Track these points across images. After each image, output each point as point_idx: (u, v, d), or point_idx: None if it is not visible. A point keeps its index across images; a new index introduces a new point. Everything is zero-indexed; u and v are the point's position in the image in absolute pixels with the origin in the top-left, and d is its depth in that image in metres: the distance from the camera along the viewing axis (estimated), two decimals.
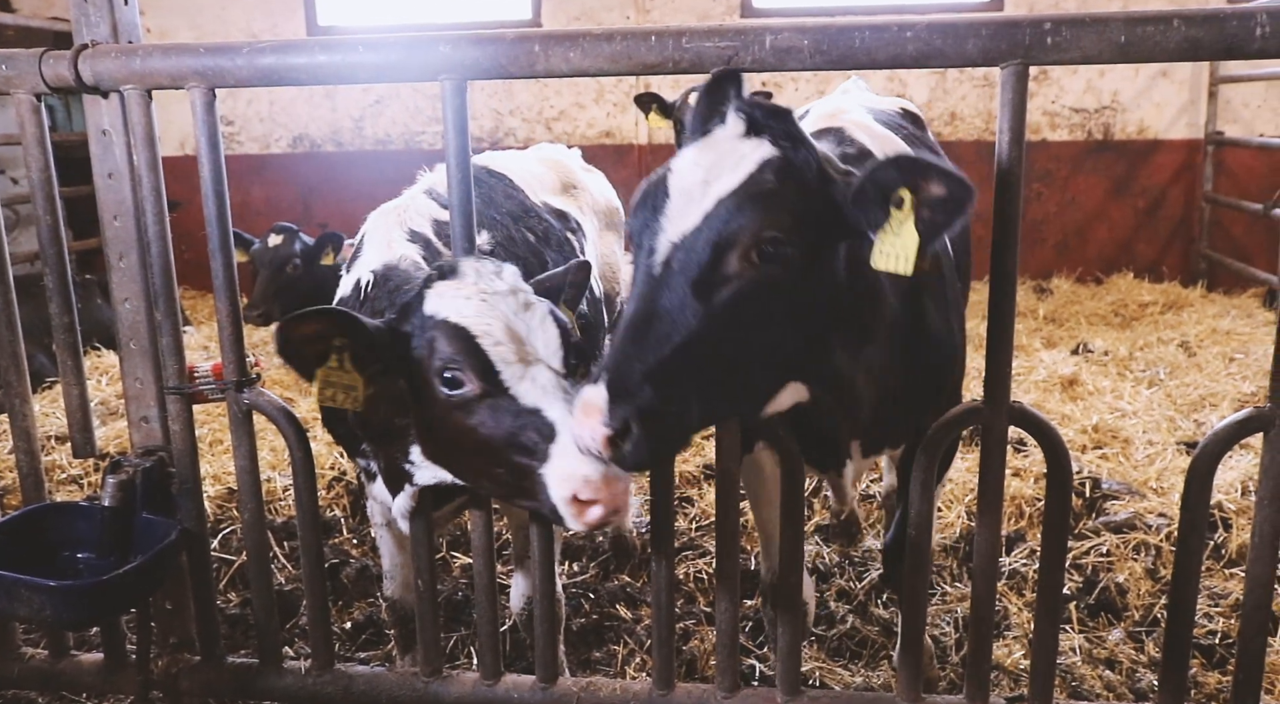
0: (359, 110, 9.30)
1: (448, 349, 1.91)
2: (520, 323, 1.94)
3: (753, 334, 1.74)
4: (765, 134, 1.78)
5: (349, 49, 2.13)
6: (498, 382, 1.89)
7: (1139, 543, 3.85)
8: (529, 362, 1.90)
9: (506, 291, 1.97)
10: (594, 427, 1.64)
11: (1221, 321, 7.15)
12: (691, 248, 1.70)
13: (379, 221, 2.61)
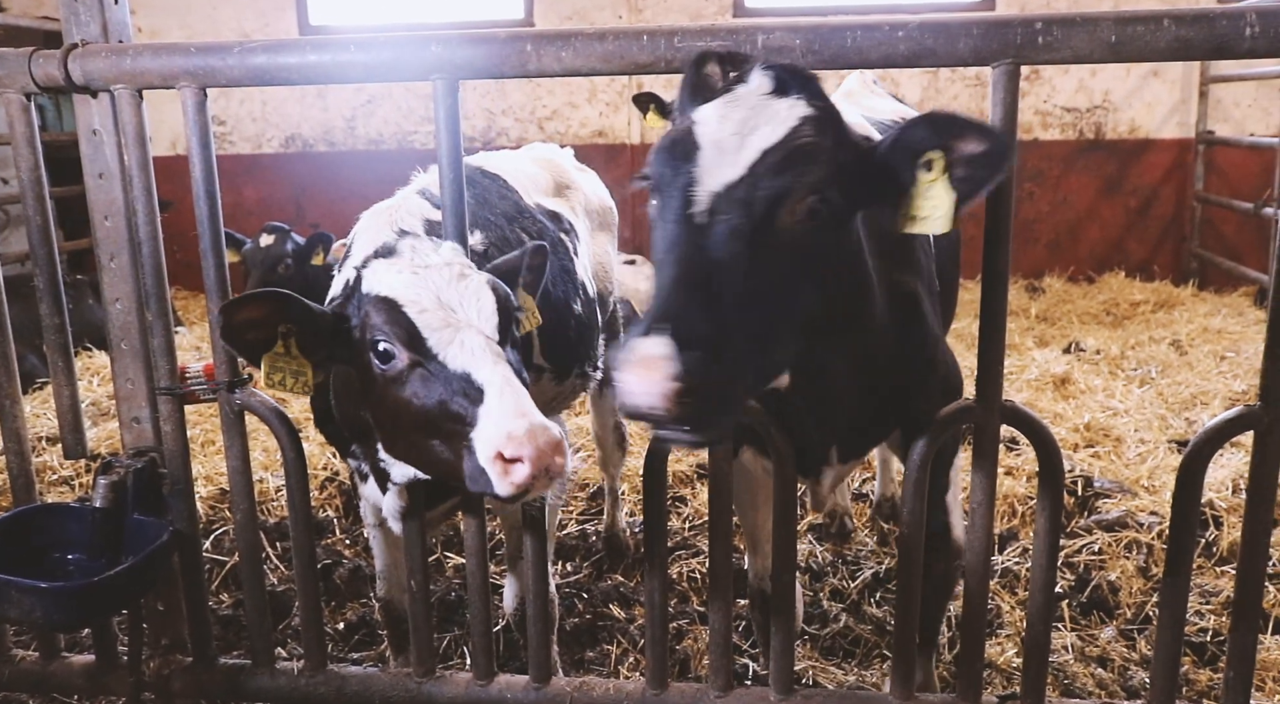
0: (351, 110, 9.29)
1: (377, 320, 1.90)
2: (452, 292, 1.90)
3: (787, 294, 1.71)
4: (796, 92, 1.77)
5: (340, 48, 2.13)
6: (425, 349, 1.86)
7: (1131, 541, 3.86)
8: (458, 327, 1.86)
9: (440, 264, 1.95)
10: (657, 381, 1.49)
11: (1213, 320, 7.18)
12: (739, 198, 1.66)
13: (371, 221, 2.60)
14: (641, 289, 7.38)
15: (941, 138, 1.74)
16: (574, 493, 4.58)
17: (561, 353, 2.98)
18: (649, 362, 1.49)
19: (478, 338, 1.86)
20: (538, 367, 2.87)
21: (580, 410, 5.26)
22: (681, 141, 1.74)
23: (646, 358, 1.50)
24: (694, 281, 1.60)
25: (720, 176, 1.67)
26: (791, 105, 1.75)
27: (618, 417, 3.96)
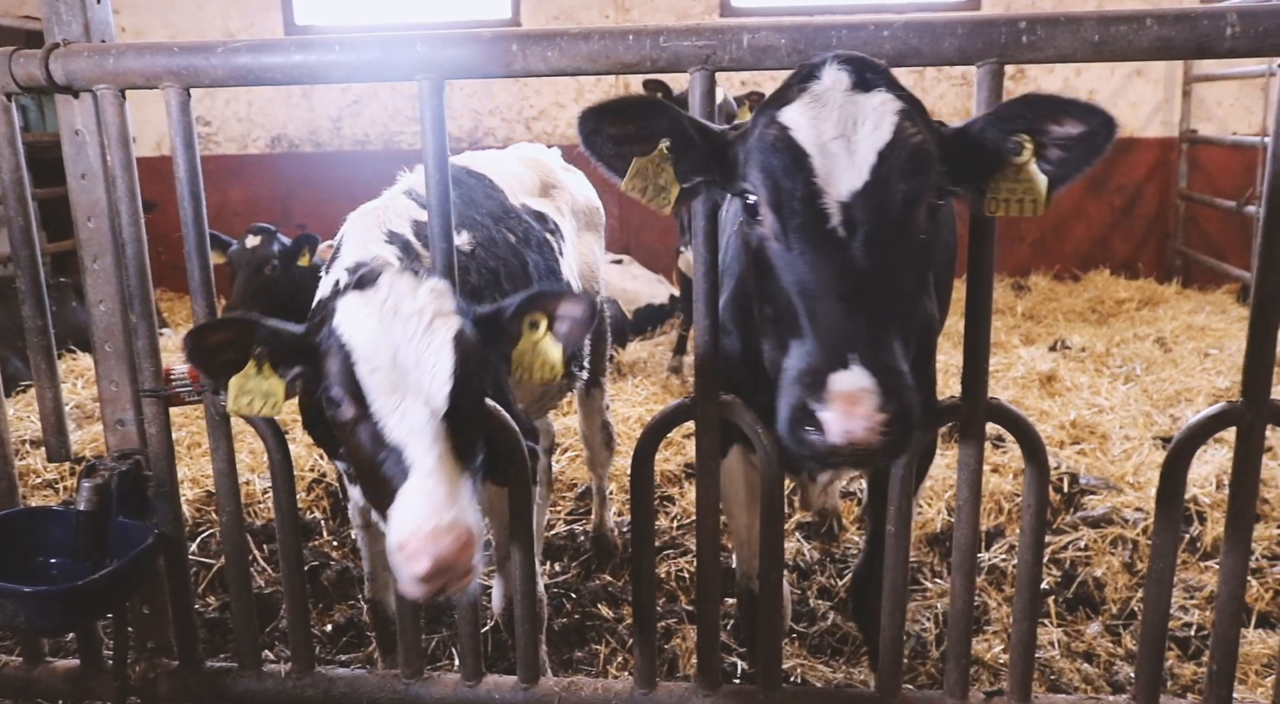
0: (337, 110, 9.26)
1: (331, 369, 1.86)
2: (412, 350, 1.83)
3: (920, 296, 1.73)
4: (880, 85, 1.73)
5: (325, 48, 2.12)
6: (369, 412, 1.82)
7: (1116, 537, 3.89)
8: (405, 394, 1.81)
9: (412, 313, 1.86)
10: (867, 415, 1.46)
11: (1196, 317, 7.23)
12: (874, 206, 1.60)
13: (357, 222, 2.59)
14: (628, 288, 7.39)
15: (1036, 119, 1.71)
16: (562, 493, 4.58)
17: None
18: (856, 397, 1.47)
19: (420, 412, 1.80)
20: None
21: (568, 410, 5.25)
22: (781, 150, 1.66)
23: (853, 393, 1.48)
24: (857, 300, 1.56)
25: (845, 184, 1.62)
26: (883, 100, 1.70)
27: (605, 416, 3.95)
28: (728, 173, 1.82)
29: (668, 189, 1.82)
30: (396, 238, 2.49)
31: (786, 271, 1.65)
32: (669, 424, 2.28)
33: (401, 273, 1.91)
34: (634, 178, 1.81)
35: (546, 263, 3.05)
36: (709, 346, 2.13)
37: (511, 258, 2.87)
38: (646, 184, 1.82)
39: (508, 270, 2.81)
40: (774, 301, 1.71)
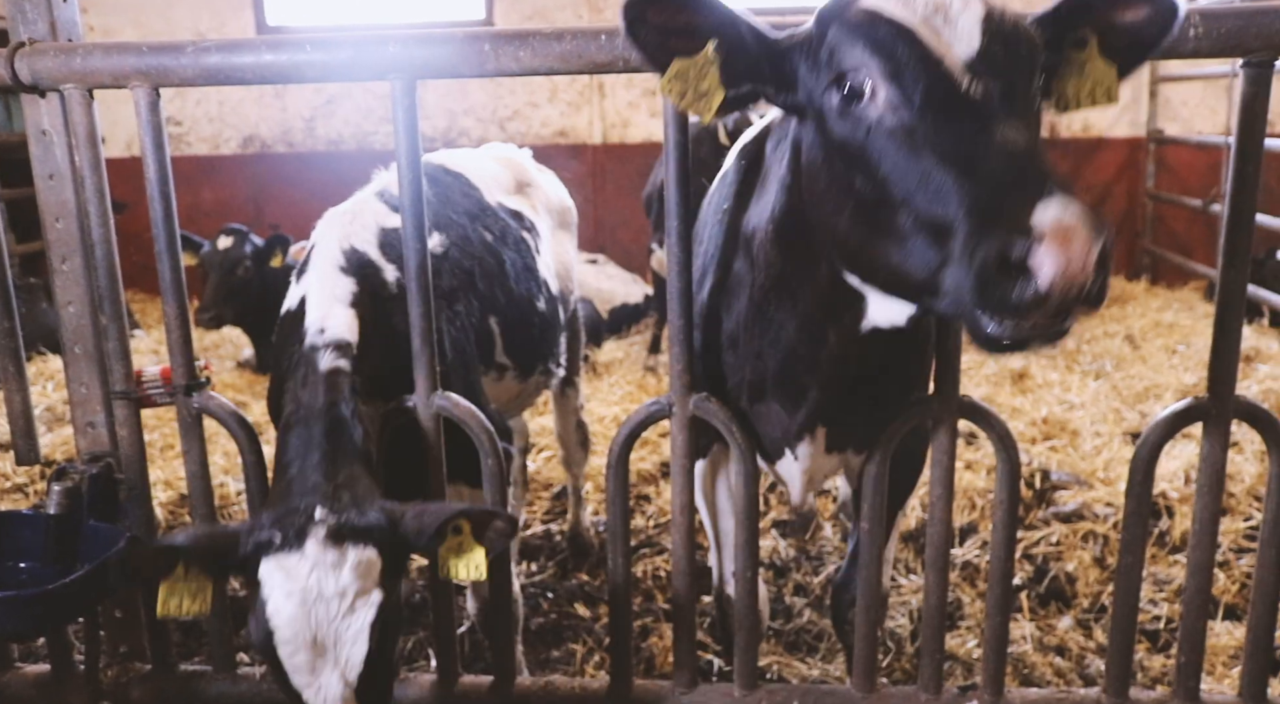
0: (310, 110, 9.20)
1: (255, 638, 1.89)
2: (330, 632, 1.85)
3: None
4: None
5: (296, 48, 2.11)
6: (288, 683, 1.88)
7: (1087, 532, 3.93)
8: (321, 672, 1.86)
9: (334, 595, 1.85)
10: (1085, 244, 1.31)
11: (1165, 314, 7.33)
12: (994, 69, 1.50)
13: (326, 231, 2.56)
14: (604, 288, 7.39)
15: (1100, 9, 1.67)
16: (538, 493, 4.57)
17: (525, 350, 2.98)
18: (1069, 225, 1.31)
19: (335, 687, 1.86)
20: (500, 364, 2.87)
21: (543, 409, 5.25)
22: (883, 24, 1.54)
23: (1065, 222, 1.32)
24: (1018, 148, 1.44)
25: (961, 51, 1.51)
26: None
27: (580, 415, 3.96)
28: (783, 82, 1.70)
29: (710, 94, 1.70)
30: (355, 263, 2.46)
31: (924, 144, 1.48)
32: (643, 425, 2.29)
33: (327, 546, 1.89)
34: (673, 79, 1.68)
35: (524, 260, 3.05)
36: (683, 345, 2.14)
37: (487, 256, 2.87)
38: (686, 87, 1.69)
39: (483, 269, 2.81)
40: (889, 194, 1.52)
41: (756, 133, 2.30)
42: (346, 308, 2.34)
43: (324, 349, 2.24)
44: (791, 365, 2.05)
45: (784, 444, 2.24)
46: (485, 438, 2.31)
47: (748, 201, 2.14)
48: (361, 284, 2.40)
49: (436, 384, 2.29)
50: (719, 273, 2.19)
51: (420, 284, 2.19)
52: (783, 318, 2.00)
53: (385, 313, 2.41)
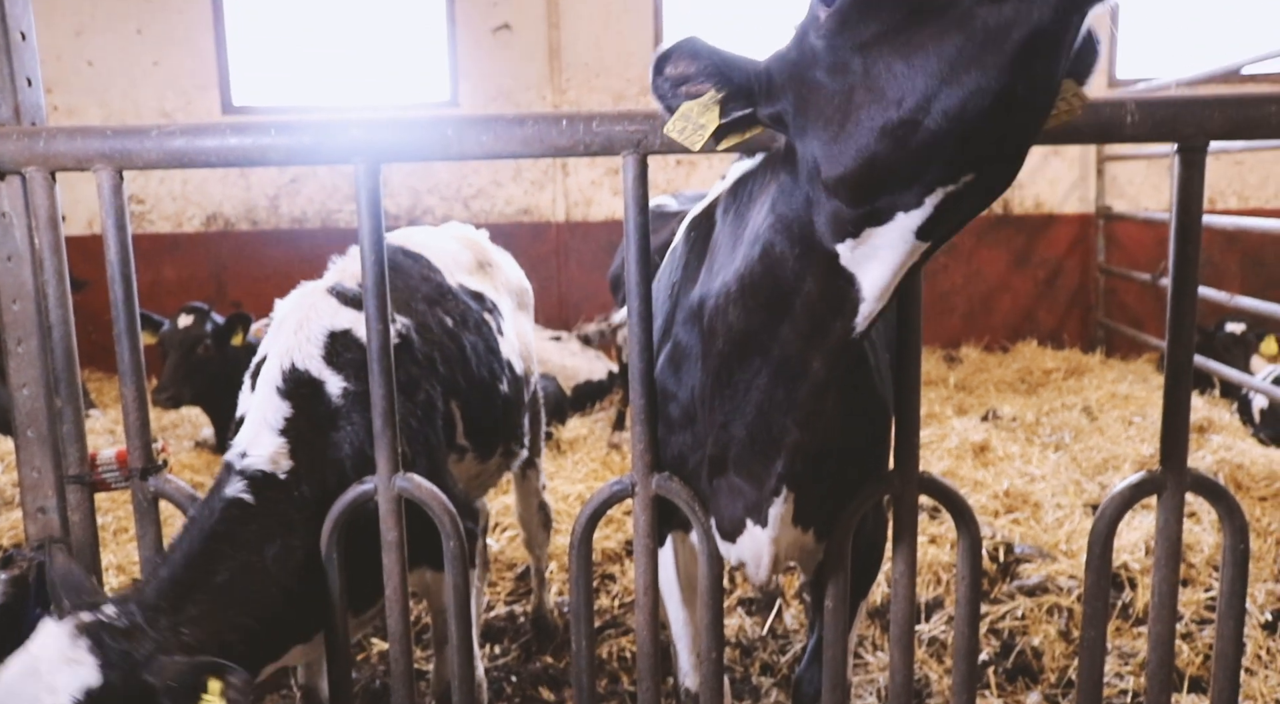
0: (274, 189, 9.25)
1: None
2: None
3: None
4: None
5: (261, 132, 2.14)
6: None
7: (1052, 605, 3.94)
8: None
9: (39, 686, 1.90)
10: None
11: (1120, 386, 7.45)
12: None
13: (271, 343, 2.58)
14: (567, 365, 7.40)
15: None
16: (500, 573, 4.51)
17: (485, 432, 2.98)
18: None
19: None
20: (460, 446, 2.86)
21: (505, 487, 5.21)
22: None
23: None
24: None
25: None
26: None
27: (541, 496, 3.93)
28: (769, 94, 1.75)
29: (705, 126, 1.81)
30: (295, 380, 2.48)
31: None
32: (606, 505, 2.28)
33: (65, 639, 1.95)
34: (678, 120, 1.80)
35: (486, 342, 3.06)
36: (645, 424, 2.15)
37: (448, 341, 2.87)
38: (687, 125, 1.81)
39: (444, 354, 2.81)
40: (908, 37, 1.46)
41: (704, 207, 2.35)
42: (275, 435, 2.39)
43: (237, 476, 2.31)
44: (765, 419, 2.00)
45: (749, 517, 2.22)
46: (447, 520, 2.28)
47: (696, 274, 2.18)
48: (298, 406, 2.45)
49: (398, 465, 2.27)
50: (670, 349, 2.21)
51: (382, 366, 2.19)
52: (750, 375, 1.98)
53: (325, 430, 2.45)
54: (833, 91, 1.57)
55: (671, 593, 2.56)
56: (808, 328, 1.85)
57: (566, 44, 8.99)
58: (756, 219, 1.94)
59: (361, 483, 2.28)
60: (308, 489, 2.36)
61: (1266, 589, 4.01)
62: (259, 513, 2.28)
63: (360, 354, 2.54)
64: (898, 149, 1.49)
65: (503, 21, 9.00)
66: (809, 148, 1.66)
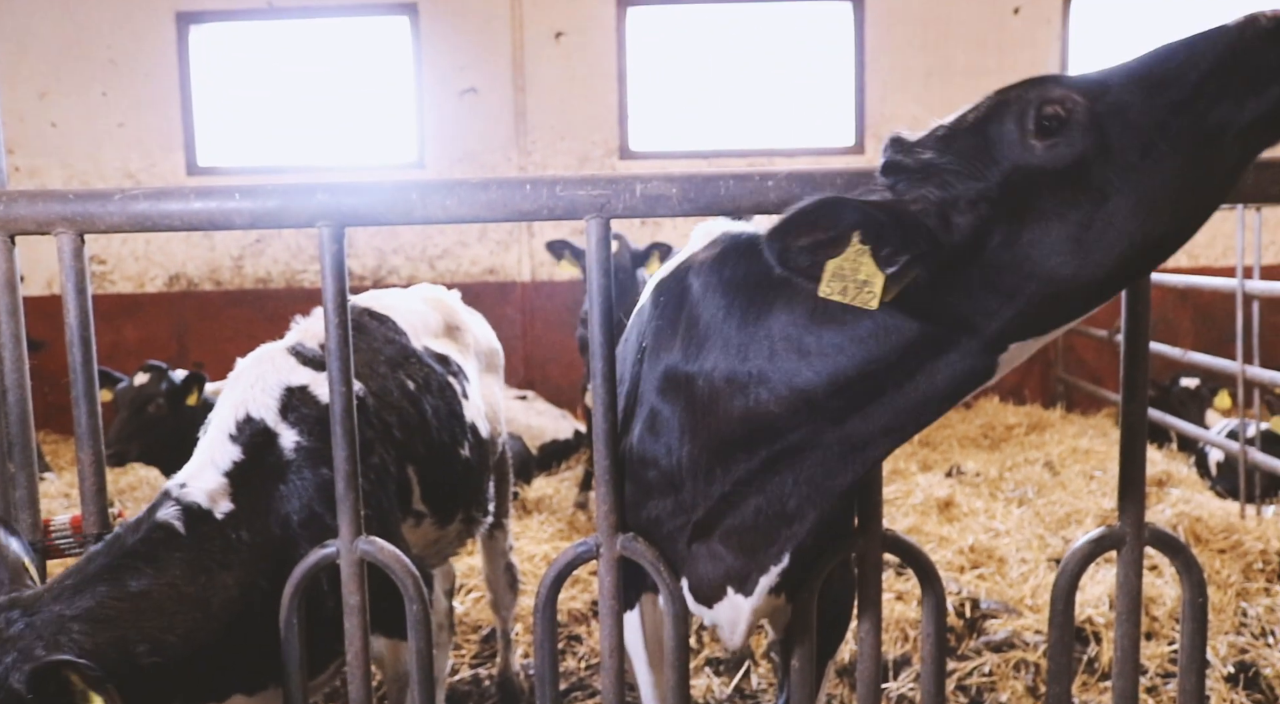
0: (239, 249, 9.23)
1: None
2: None
3: None
4: None
5: (225, 196, 2.14)
6: None
7: (1018, 661, 3.94)
8: None
9: None
10: None
11: (1081, 441, 7.55)
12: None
13: (226, 396, 2.55)
14: (533, 424, 7.38)
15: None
16: (465, 636, 4.44)
17: (444, 497, 2.95)
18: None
19: None
20: (417, 512, 2.83)
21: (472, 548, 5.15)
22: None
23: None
24: None
25: None
26: None
27: (509, 557, 3.89)
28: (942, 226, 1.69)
29: (870, 281, 1.69)
30: (248, 429, 2.46)
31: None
32: (570, 567, 2.26)
33: None
34: (832, 281, 1.69)
35: (448, 406, 3.05)
36: (610, 485, 2.15)
37: (408, 406, 2.85)
38: (846, 283, 1.69)
39: (401, 419, 2.79)
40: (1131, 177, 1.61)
41: (674, 270, 2.37)
42: (219, 475, 2.36)
43: (171, 502, 2.26)
44: (780, 500, 2.04)
45: (730, 585, 2.22)
46: (410, 583, 2.26)
47: (671, 341, 2.20)
48: (248, 453, 2.42)
49: (361, 528, 2.25)
50: (648, 416, 2.22)
51: (345, 428, 2.18)
52: (766, 459, 2.01)
53: (273, 481, 2.42)
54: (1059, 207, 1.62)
55: (639, 655, 2.54)
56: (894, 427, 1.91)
57: (532, 107, 9.12)
58: (830, 333, 1.88)
59: (324, 546, 2.25)
60: (247, 534, 2.30)
61: (1228, 641, 4.04)
62: (188, 544, 2.20)
63: (315, 411, 2.52)
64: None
65: (470, 85, 9.13)
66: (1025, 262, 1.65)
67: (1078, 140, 1.60)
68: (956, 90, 9.23)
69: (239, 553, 2.28)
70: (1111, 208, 1.60)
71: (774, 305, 2.00)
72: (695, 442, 2.11)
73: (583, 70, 9.15)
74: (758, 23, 9.36)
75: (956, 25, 9.21)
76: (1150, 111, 1.59)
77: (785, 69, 9.43)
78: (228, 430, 2.46)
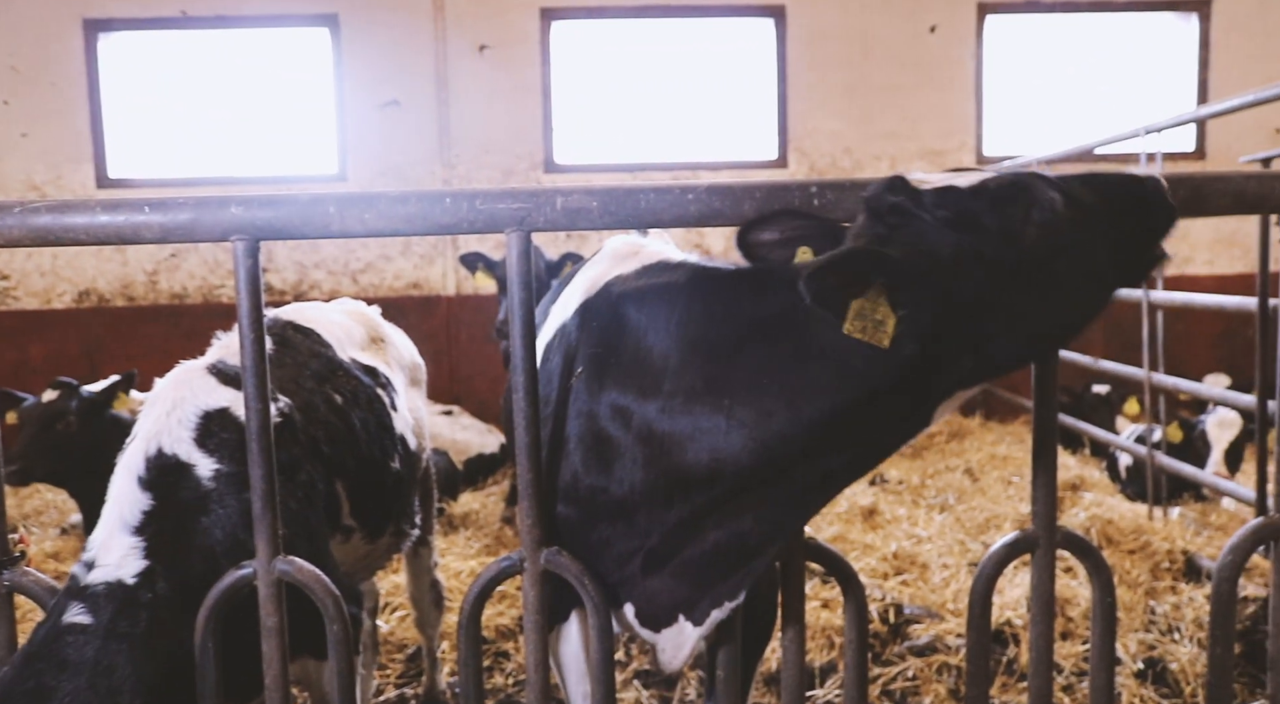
0: (153, 264, 8.98)
1: None
2: None
3: None
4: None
5: (133, 209, 2.08)
6: None
7: (941, 664, 4.02)
8: None
9: None
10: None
11: (999, 448, 7.75)
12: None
13: (140, 426, 2.46)
14: (459, 439, 7.31)
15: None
16: (390, 655, 4.37)
17: (374, 510, 2.91)
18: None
19: None
20: (346, 527, 2.78)
21: (396, 565, 5.07)
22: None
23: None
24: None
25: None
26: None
27: (434, 574, 3.84)
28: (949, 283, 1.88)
29: (884, 322, 1.86)
30: (159, 467, 2.38)
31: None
32: (494, 582, 2.24)
33: None
34: (855, 319, 1.85)
35: (377, 419, 3.00)
36: (533, 499, 2.14)
37: (335, 420, 2.80)
38: (866, 322, 1.85)
39: (329, 434, 2.74)
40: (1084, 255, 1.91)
41: (601, 291, 2.36)
42: (129, 536, 2.27)
43: (75, 601, 2.16)
44: (741, 536, 2.10)
45: (683, 612, 2.23)
46: (330, 602, 2.21)
47: (616, 372, 2.19)
48: (160, 496, 2.33)
49: (279, 548, 2.20)
50: (593, 443, 2.21)
51: (261, 446, 2.13)
52: (739, 494, 2.08)
53: (193, 517, 2.34)
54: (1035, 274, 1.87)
55: (570, 668, 2.53)
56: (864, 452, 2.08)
57: (456, 120, 9.06)
58: (797, 378, 2.00)
59: (240, 567, 2.19)
60: (164, 585, 2.23)
61: (1138, 638, 4.17)
62: (100, 633, 2.13)
63: (237, 434, 2.45)
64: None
65: (392, 97, 9.03)
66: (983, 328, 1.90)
67: (1053, 242, 1.85)
68: (876, 105, 9.45)
69: (159, 610, 2.21)
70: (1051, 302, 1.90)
71: (742, 352, 2.06)
72: (651, 474, 2.13)
73: (507, 84, 9.13)
74: (682, 38, 9.45)
75: (875, 43, 9.42)
76: (1088, 239, 1.87)
77: (710, 84, 9.53)
78: (137, 473, 2.36)
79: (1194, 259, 9.71)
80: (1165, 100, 9.70)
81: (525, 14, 9.13)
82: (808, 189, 2.16)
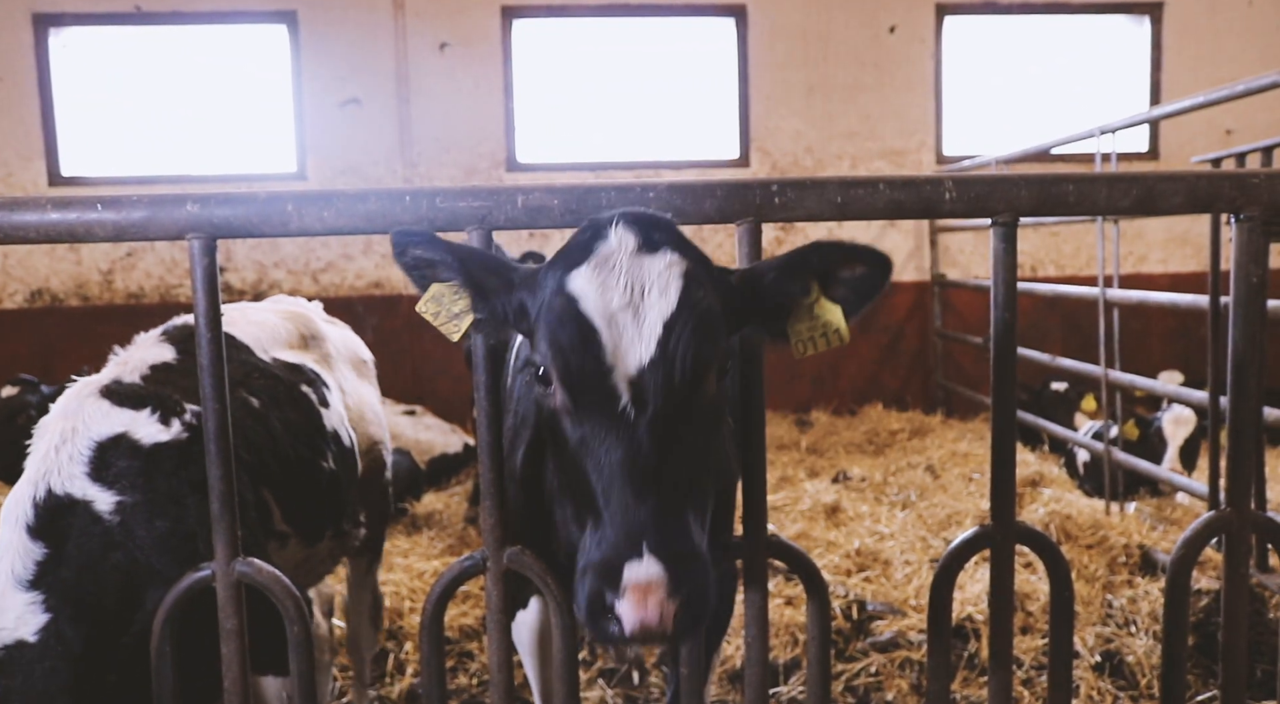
0: (109, 263, 8.83)
1: None
2: None
3: (713, 459, 1.74)
4: (666, 246, 1.74)
5: (86, 207, 2.04)
6: None
7: (904, 660, 4.05)
8: None
9: None
10: (659, 605, 1.47)
11: (960, 445, 7.83)
12: (662, 381, 1.60)
13: (29, 469, 2.33)
14: (421, 439, 7.26)
15: (822, 264, 1.84)
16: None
17: (308, 513, 2.85)
18: (648, 588, 1.48)
19: None
20: (279, 533, 2.72)
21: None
22: (569, 323, 1.65)
23: (644, 585, 1.48)
24: (648, 483, 1.56)
25: (632, 360, 1.61)
26: (669, 263, 1.71)
27: (376, 590, 3.75)
28: (519, 315, 1.82)
29: (461, 317, 1.86)
30: (51, 509, 2.26)
31: (579, 449, 1.65)
32: (456, 582, 2.23)
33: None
34: (429, 301, 1.86)
35: (304, 417, 2.93)
36: (495, 498, 2.13)
37: (254, 424, 2.72)
38: (440, 308, 1.84)
39: (248, 441, 2.65)
40: (568, 473, 1.71)
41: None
42: (23, 592, 2.16)
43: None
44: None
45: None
46: (291, 604, 2.18)
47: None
48: (53, 543, 2.22)
49: (238, 550, 2.17)
50: (530, 433, 2.22)
51: (219, 447, 2.10)
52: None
53: (96, 556, 2.24)
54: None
55: (529, 653, 2.55)
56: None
57: (417, 118, 9.00)
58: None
59: (198, 569, 2.16)
60: (71, 631, 2.15)
61: (1095, 632, 4.24)
62: (13, 697, 2.05)
63: (137, 460, 2.35)
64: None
65: (352, 95, 8.95)
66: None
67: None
68: (837, 105, 9.52)
69: (68, 658, 2.14)
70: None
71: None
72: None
73: (468, 82, 9.08)
74: (644, 37, 9.45)
75: (835, 43, 9.49)
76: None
77: (672, 83, 9.54)
78: (25, 522, 2.23)
79: (1148, 258, 9.88)
80: (1120, 101, 9.86)
81: (486, 12, 9.08)
82: (769, 187, 2.17)
